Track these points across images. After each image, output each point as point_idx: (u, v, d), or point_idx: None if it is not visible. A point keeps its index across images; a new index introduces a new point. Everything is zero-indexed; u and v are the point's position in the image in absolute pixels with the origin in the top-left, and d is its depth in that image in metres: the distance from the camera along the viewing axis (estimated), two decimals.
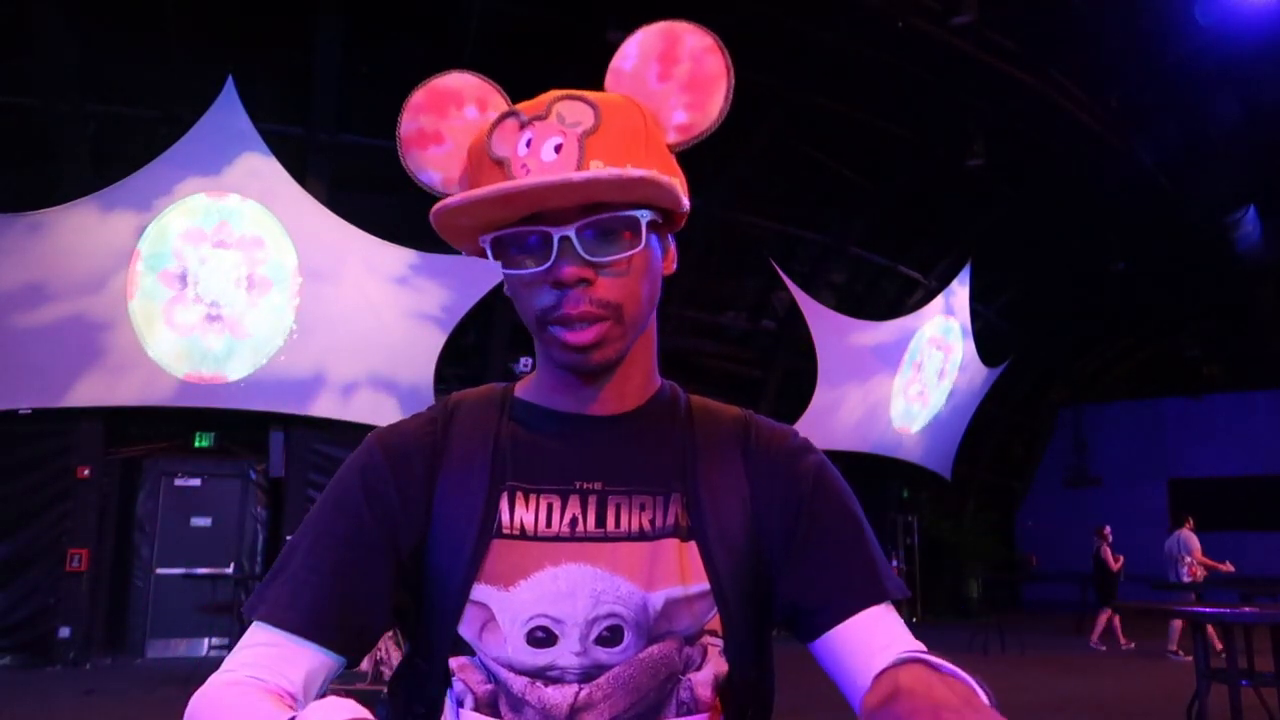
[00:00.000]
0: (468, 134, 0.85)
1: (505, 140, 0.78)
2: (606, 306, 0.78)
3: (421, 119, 0.88)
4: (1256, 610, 5.29)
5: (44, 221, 7.95)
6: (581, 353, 0.79)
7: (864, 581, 0.84)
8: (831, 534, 0.86)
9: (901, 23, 8.40)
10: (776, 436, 0.92)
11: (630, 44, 0.86)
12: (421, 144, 0.88)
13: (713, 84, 0.84)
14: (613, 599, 0.80)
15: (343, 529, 0.82)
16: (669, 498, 0.85)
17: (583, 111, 0.77)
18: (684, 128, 0.84)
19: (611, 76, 0.86)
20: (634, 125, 0.80)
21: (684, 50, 0.84)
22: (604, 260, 0.77)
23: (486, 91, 0.88)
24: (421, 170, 0.88)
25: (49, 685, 7.21)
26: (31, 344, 8.00)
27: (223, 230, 8.56)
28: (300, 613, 0.77)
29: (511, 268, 0.79)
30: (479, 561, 0.81)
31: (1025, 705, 7.00)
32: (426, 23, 8.30)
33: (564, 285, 0.77)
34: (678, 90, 0.84)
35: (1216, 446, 16.77)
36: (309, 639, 0.77)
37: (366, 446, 0.88)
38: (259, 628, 0.78)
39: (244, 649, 0.78)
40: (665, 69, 0.84)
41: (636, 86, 0.84)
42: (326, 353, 8.93)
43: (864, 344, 12.47)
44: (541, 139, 0.76)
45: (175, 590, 8.73)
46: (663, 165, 0.81)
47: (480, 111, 0.87)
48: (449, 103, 0.87)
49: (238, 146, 8.41)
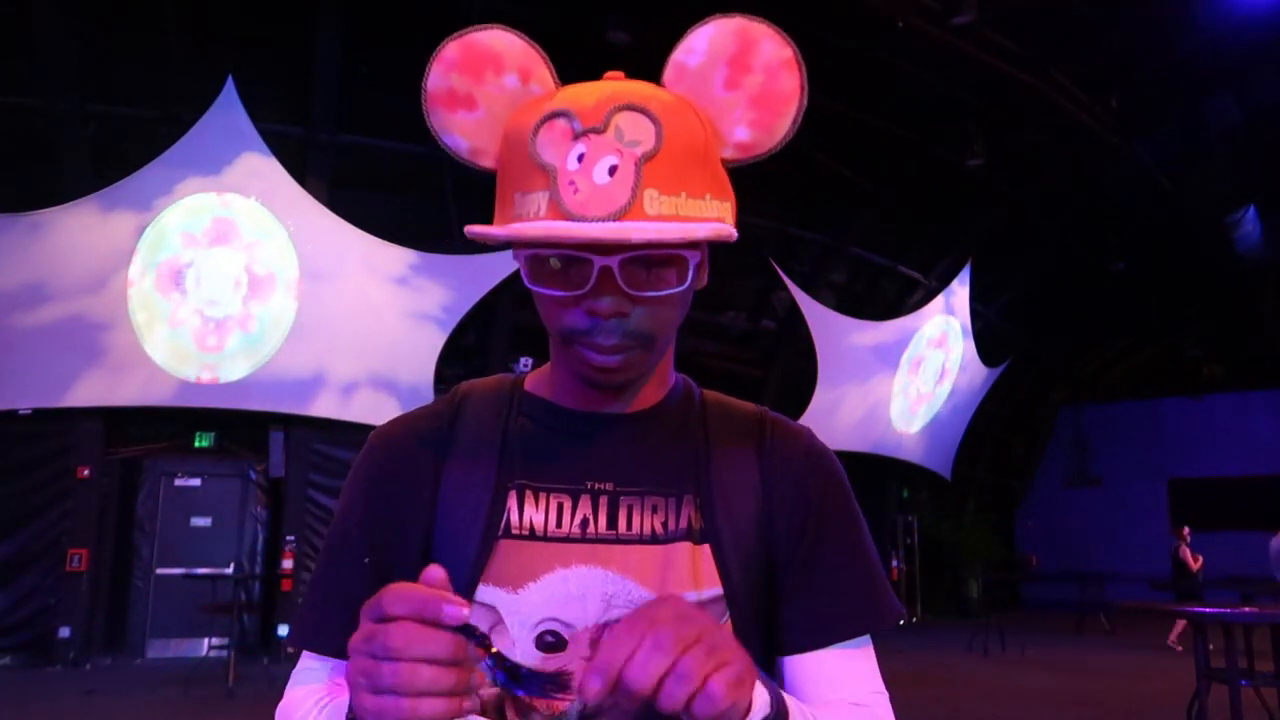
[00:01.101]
0: (504, 105, 0.78)
1: (554, 146, 0.71)
2: (638, 338, 0.75)
3: (453, 78, 0.79)
4: (1256, 610, 5.29)
5: (44, 221, 7.95)
6: (606, 373, 0.77)
7: (851, 609, 0.83)
8: (832, 551, 0.85)
9: (901, 23, 8.40)
10: (792, 436, 0.90)
11: (699, 37, 0.77)
12: (450, 105, 0.80)
13: (784, 104, 0.77)
14: (624, 603, 0.78)
15: (356, 541, 0.82)
16: (681, 499, 0.83)
17: (644, 129, 0.70)
18: (744, 146, 0.78)
19: (672, 70, 0.77)
20: (694, 145, 0.73)
21: (759, 59, 0.76)
22: (645, 295, 0.73)
23: (532, 60, 0.79)
24: (447, 133, 0.81)
25: (49, 685, 7.21)
26: (31, 344, 8.00)
27: (222, 230, 8.55)
28: (330, 635, 0.78)
29: (543, 286, 0.74)
30: (484, 561, 0.79)
31: (1025, 705, 7.00)
32: (426, 23, 8.29)
33: (599, 316, 0.73)
34: (745, 103, 0.77)
35: (1216, 446, 16.77)
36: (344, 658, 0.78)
37: (368, 449, 0.87)
38: (306, 655, 0.82)
39: (301, 672, 0.82)
40: (735, 76, 0.76)
41: (699, 88, 0.77)
42: (326, 353, 8.92)
43: (864, 344, 12.47)
44: (596, 156, 0.70)
45: (175, 590, 8.72)
46: (717, 188, 0.75)
47: (522, 83, 0.78)
48: (487, 65, 0.78)
49: (238, 146, 8.41)
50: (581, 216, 0.68)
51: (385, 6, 8.42)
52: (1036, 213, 12.40)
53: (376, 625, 0.57)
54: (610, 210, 0.68)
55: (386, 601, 0.58)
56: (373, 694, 0.56)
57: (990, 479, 17.08)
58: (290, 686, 0.81)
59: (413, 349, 9.24)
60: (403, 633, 0.56)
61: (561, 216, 0.69)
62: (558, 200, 0.70)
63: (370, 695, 0.56)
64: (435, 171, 9.30)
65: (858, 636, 0.83)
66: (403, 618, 0.57)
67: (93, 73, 8.08)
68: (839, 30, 8.63)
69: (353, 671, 0.58)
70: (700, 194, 0.72)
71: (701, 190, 0.73)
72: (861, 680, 0.81)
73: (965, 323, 13.74)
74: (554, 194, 0.70)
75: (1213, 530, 16.28)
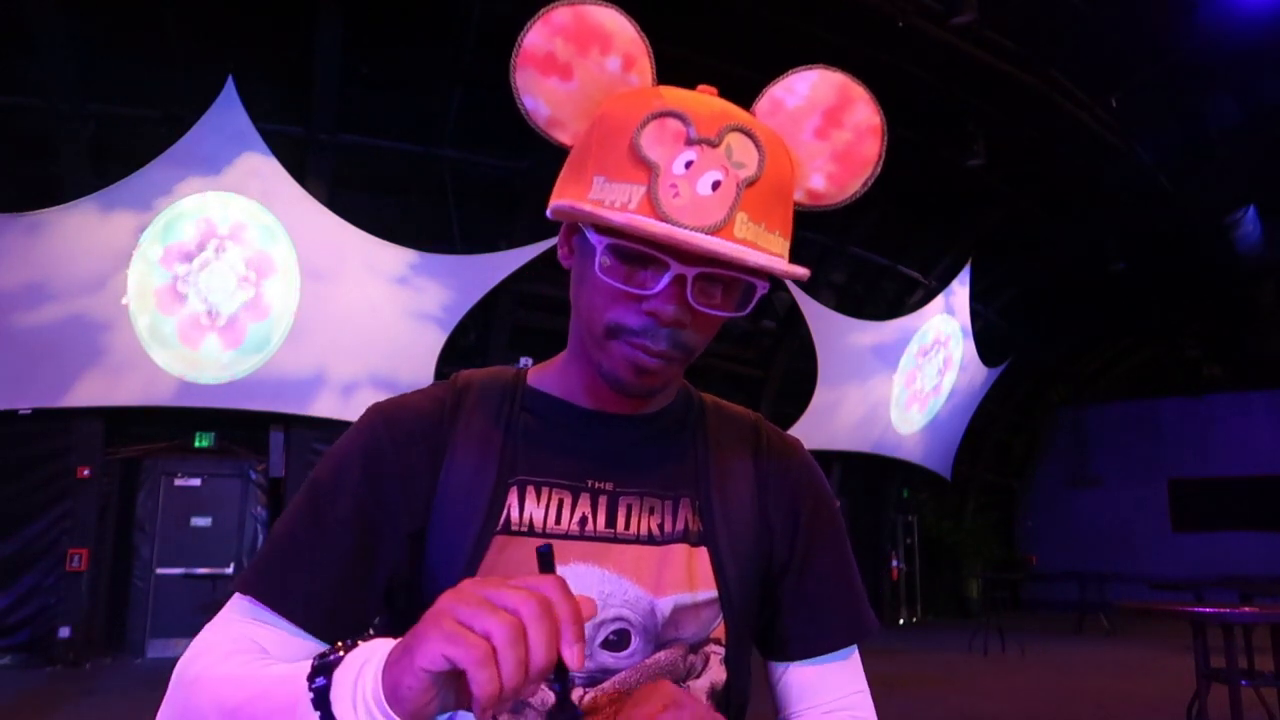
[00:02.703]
0: (600, 86, 0.78)
1: (662, 145, 0.71)
2: (684, 350, 0.76)
3: (557, 43, 0.78)
4: (1256, 610, 5.28)
5: (44, 221, 7.94)
6: (641, 376, 0.77)
7: (840, 621, 0.87)
8: (821, 565, 0.88)
9: (901, 23, 8.40)
10: (786, 447, 0.92)
11: (801, 80, 0.80)
12: (545, 69, 0.78)
13: (863, 166, 0.80)
14: (620, 602, 0.79)
15: (343, 512, 0.78)
16: (678, 502, 0.84)
17: (751, 154, 0.72)
18: (815, 194, 0.81)
19: (767, 103, 0.81)
20: (785, 183, 0.76)
21: (851, 118, 0.80)
22: (706, 312, 0.75)
23: (639, 50, 0.79)
24: (529, 93, 0.79)
25: (49, 685, 7.21)
26: (31, 344, 8.00)
27: (222, 230, 8.56)
28: (296, 598, 0.74)
29: (609, 275, 0.74)
30: (481, 556, 0.78)
31: (1025, 705, 7.00)
32: (426, 23, 8.29)
33: (658, 319, 0.74)
34: (828, 156, 0.80)
35: (1216, 446, 16.77)
36: (300, 626, 0.74)
37: (369, 423, 0.83)
38: (251, 604, 0.74)
39: (237, 623, 0.74)
40: (826, 127, 0.80)
41: (789, 128, 0.79)
42: (326, 353, 8.93)
43: (864, 344, 12.46)
44: (704, 167, 0.70)
45: (175, 590, 8.73)
46: (786, 227, 0.77)
47: (625, 70, 0.78)
48: (594, 42, 0.78)
49: (238, 146, 8.40)
50: (677, 221, 0.69)
51: (385, 7, 8.42)
52: (1036, 213, 12.40)
53: (514, 590, 0.54)
54: (706, 223, 0.70)
55: (546, 586, 0.54)
56: (468, 637, 0.51)
57: (990, 479, 17.07)
58: (219, 625, 0.74)
59: (413, 349, 9.24)
60: (538, 607, 0.53)
61: (655, 215, 0.70)
62: (655, 198, 0.70)
63: (466, 637, 0.51)
64: (435, 171, 9.31)
65: (846, 648, 0.87)
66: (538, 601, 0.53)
67: (93, 73, 8.07)
68: (839, 30, 8.62)
69: (459, 611, 0.53)
70: (775, 229, 0.74)
71: (777, 226, 0.75)
72: (847, 683, 0.86)
73: (965, 323, 13.73)
74: (652, 190, 0.70)
75: (1213, 530, 16.30)
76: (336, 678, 0.57)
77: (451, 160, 9.21)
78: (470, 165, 9.26)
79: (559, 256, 0.82)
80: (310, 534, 0.77)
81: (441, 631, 0.52)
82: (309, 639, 0.74)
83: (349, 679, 0.56)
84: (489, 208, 9.64)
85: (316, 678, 0.58)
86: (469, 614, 0.52)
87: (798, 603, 0.87)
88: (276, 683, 0.63)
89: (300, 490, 0.81)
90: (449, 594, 0.55)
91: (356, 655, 0.58)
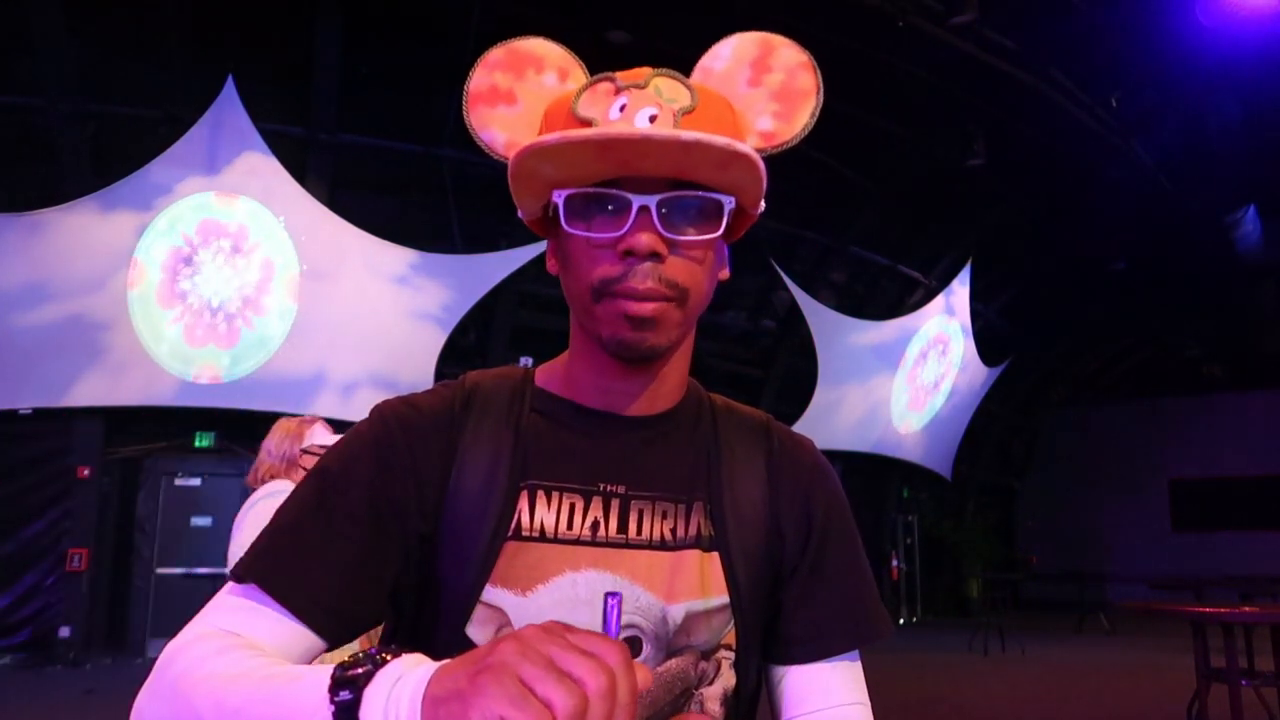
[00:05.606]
0: (543, 100, 0.82)
1: (596, 102, 0.75)
2: (673, 287, 0.75)
3: (496, 75, 0.83)
4: (1256, 610, 5.28)
5: (44, 221, 7.94)
6: (639, 328, 0.74)
7: (844, 626, 0.85)
8: (832, 567, 0.87)
9: (901, 22, 8.40)
10: (797, 448, 0.92)
11: (724, 46, 0.85)
12: (491, 100, 0.83)
13: (802, 98, 0.83)
14: (632, 609, 0.78)
15: (353, 504, 0.75)
16: (691, 506, 0.82)
17: (680, 91, 0.76)
18: (768, 135, 0.83)
19: (699, 74, 0.83)
20: (727, 117, 0.78)
21: (778, 61, 0.84)
22: (680, 239, 0.74)
23: (570, 64, 0.84)
24: (485, 128, 0.83)
25: (49, 685, 7.21)
26: (31, 344, 8.00)
27: (222, 230, 8.56)
28: (299, 587, 0.71)
29: (575, 228, 0.75)
30: (493, 562, 0.76)
31: (1025, 705, 7.00)
32: (426, 23, 8.29)
33: (635, 255, 0.73)
34: (767, 97, 0.83)
35: (1216, 446, 16.76)
36: (299, 618, 0.70)
37: (380, 420, 0.81)
38: (253, 592, 0.70)
39: (230, 611, 0.70)
40: (757, 75, 0.83)
41: (725, 87, 0.82)
42: (326, 352, 8.92)
43: (864, 344, 12.46)
44: (637, 106, 0.74)
45: (175, 590, 8.72)
46: None
47: (560, 81, 0.83)
48: (529, 65, 0.84)
49: (238, 146, 8.40)
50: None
51: (385, 6, 8.42)
52: (1036, 213, 12.40)
53: (582, 657, 0.50)
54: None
55: (612, 656, 0.50)
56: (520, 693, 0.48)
57: (990, 479, 17.07)
58: (211, 613, 0.70)
59: (413, 349, 9.24)
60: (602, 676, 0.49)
61: None
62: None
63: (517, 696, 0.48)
64: (435, 171, 9.31)
65: (854, 650, 0.85)
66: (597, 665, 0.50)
67: (93, 73, 8.07)
68: (839, 30, 8.62)
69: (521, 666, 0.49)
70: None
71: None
72: (846, 693, 0.84)
73: (965, 323, 13.73)
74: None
75: (1213, 530, 16.30)
76: (368, 695, 0.53)
77: (451, 160, 9.20)
78: (470, 165, 9.26)
79: (547, 267, 0.84)
80: (317, 524, 0.74)
81: (504, 691, 0.48)
82: (307, 633, 0.71)
83: (379, 698, 0.53)
84: (489, 208, 9.64)
85: (340, 690, 0.54)
86: (535, 676, 0.48)
87: (803, 605, 0.85)
88: (285, 687, 0.59)
89: (305, 480, 0.78)
90: (513, 645, 0.50)
91: (388, 674, 0.54)
